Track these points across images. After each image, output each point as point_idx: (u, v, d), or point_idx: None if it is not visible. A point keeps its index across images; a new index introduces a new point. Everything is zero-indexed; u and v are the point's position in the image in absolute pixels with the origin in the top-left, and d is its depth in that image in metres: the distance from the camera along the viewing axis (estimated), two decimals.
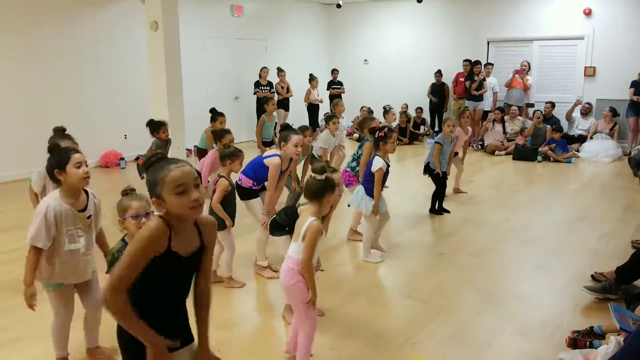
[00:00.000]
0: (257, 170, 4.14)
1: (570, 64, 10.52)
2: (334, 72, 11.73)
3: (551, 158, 8.98)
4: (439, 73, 11.22)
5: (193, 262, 1.81)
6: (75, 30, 8.22)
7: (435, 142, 5.87)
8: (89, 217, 2.72)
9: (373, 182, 4.37)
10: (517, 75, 10.33)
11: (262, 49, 11.43)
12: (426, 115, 11.49)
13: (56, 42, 8.00)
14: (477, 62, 10.33)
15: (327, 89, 11.46)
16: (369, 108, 10.40)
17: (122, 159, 8.62)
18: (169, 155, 5.40)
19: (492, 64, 10.63)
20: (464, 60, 10.73)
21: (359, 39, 12.78)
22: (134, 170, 7.96)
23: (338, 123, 6.32)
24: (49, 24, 7.92)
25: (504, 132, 9.88)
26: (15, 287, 4.02)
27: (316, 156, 6.17)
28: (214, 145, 5.11)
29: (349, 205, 4.70)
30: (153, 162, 1.73)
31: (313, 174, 2.69)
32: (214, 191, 3.77)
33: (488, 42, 11.32)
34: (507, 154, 9.53)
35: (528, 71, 10.44)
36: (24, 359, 3.06)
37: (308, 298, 2.67)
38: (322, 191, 2.66)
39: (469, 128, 6.67)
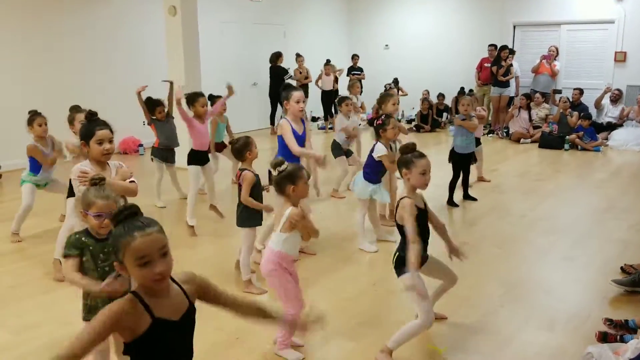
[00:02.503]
0: (285, 150, 4.04)
1: (599, 49, 10.15)
2: (355, 57, 11.57)
3: (579, 146, 8.71)
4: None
5: (187, 326, 1.66)
6: (92, 16, 8.22)
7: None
8: None
9: (373, 167, 4.38)
10: (544, 61, 10.03)
11: (280, 34, 11.31)
12: (448, 102, 11.26)
13: (73, 28, 8.02)
14: (504, 47, 10.03)
15: (347, 75, 11.31)
16: (390, 85, 10.41)
17: (141, 145, 8.65)
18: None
19: (514, 51, 10.33)
20: (489, 45, 10.45)
21: (380, 24, 12.55)
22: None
23: (351, 105, 6.15)
24: (67, 9, 7.93)
25: (530, 119, 9.62)
26: (36, 272, 4.06)
27: (339, 142, 6.02)
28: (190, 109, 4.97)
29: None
30: (121, 219, 1.55)
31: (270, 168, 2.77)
32: (240, 186, 3.63)
33: (514, 26, 10.99)
34: (533, 141, 9.28)
35: (556, 56, 10.12)
36: (43, 345, 3.06)
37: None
38: (280, 185, 2.72)
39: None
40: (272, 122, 10.49)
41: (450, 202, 5.70)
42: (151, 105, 5.61)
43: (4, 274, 4.04)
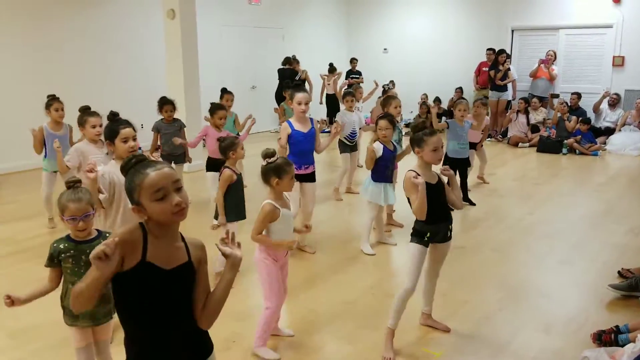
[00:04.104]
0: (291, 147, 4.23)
1: (598, 53, 10.17)
2: (353, 61, 11.58)
3: (577, 150, 8.72)
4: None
5: (180, 278, 1.61)
6: (91, 19, 8.22)
7: (445, 121, 5.85)
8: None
9: (377, 167, 4.35)
10: (542, 65, 10.05)
11: (279, 37, 11.33)
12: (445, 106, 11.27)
13: (72, 31, 8.01)
14: (502, 51, 10.07)
15: (346, 79, 11.32)
16: (389, 86, 10.35)
17: (139, 148, 8.63)
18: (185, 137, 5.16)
19: (510, 55, 10.35)
20: (488, 49, 10.47)
21: (378, 28, 12.58)
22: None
23: (353, 101, 6.27)
24: (66, 12, 7.92)
25: (528, 123, 9.63)
26: (33, 274, 4.04)
27: (343, 139, 6.12)
28: (209, 121, 5.23)
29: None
30: (131, 166, 1.59)
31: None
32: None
33: (512, 31, 11.02)
34: (531, 146, 9.29)
35: (554, 61, 10.14)
36: (40, 348, 3.05)
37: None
38: (266, 175, 2.84)
39: (486, 117, 6.46)
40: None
41: None
42: (161, 104, 5.64)
43: (1, 277, 4.03)
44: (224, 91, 6.28)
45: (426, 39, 11.91)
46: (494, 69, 10.09)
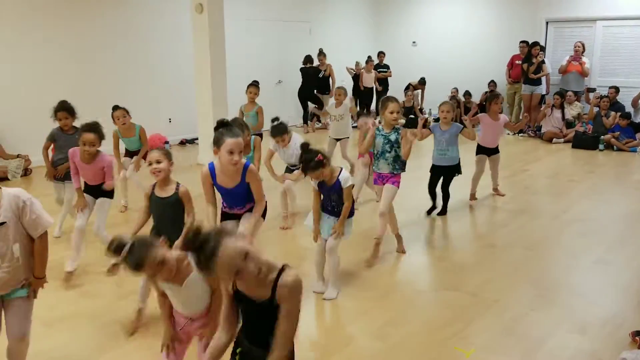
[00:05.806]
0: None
1: (637, 45, 9.79)
2: (381, 54, 11.48)
3: (614, 146, 8.42)
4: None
5: None
6: (119, 13, 8.31)
7: (428, 127, 5.19)
8: (2, 224, 2.20)
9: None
10: (573, 62, 9.71)
11: (306, 31, 11.29)
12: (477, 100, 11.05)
13: (99, 25, 8.08)
14: (536, 44, 9.79)
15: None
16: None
17: (167, 142, 8.73)
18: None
19: (544, 48, 10.05)
20: (521, 42, 10.19)
21: (407, 20, 12.41)
22: (178, 153, 8.06)
23: (285, 140, 4.83)
24: (93, 6, 8.01)
25: (563, 118, 9.34)
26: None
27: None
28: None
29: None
30: None
31: None
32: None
33: (547, 22, 10.71)
34: (565, 141, 9.01)
35: (582, 52, 9.77)
36: (72, 337, 3.11)
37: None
38: None
39: (500, 115, 5.60)
40: (305, 122, 10.59)
41: (429, 211, 5.25)
42: (54, 110, 4.50)
43: None
44: (116, 108, 5.13)
45: (456, 31, 11.67)
46: (527, 62, 9.81)
